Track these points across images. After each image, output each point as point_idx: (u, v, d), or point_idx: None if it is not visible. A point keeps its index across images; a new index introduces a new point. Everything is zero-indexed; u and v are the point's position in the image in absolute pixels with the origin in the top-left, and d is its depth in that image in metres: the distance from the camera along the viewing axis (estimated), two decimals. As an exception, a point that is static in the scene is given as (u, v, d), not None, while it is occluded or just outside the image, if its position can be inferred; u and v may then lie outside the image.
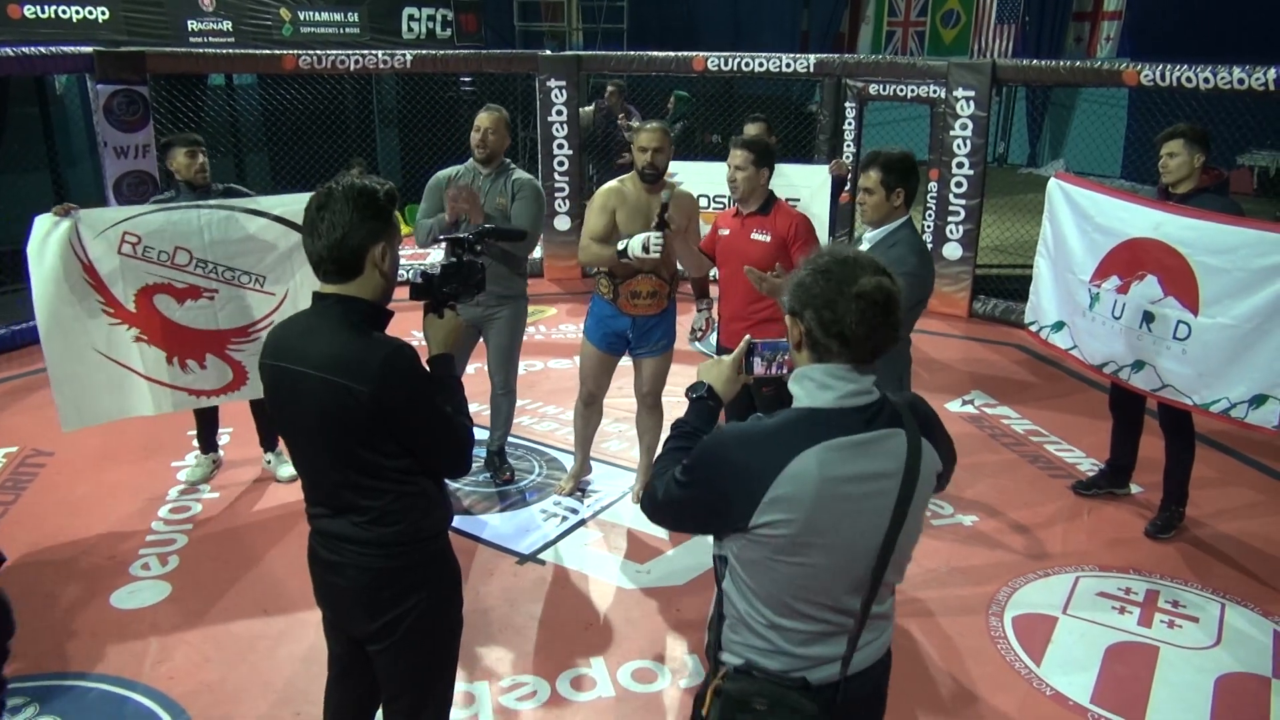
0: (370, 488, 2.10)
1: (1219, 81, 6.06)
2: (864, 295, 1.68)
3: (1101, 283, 4.23)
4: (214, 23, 8.80)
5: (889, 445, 1.72)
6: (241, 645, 3.43)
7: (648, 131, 3.97)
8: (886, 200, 3.35)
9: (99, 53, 6.77)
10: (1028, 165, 13.44)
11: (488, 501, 4.53)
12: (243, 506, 4.44)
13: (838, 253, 1.79)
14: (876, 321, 1.69)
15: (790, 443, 1.67)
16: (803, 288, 1.74)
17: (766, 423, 1.74)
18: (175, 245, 4.13)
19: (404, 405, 2.03)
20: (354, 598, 2.19)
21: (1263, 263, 3.65)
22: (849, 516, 1.68)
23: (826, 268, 1.73)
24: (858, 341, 1.69)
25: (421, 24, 10.62)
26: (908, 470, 1.72)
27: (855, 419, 1.70)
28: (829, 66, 7.81)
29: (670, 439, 1.99)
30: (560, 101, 8.13)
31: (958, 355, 6.68)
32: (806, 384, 1.75)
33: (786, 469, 1.64)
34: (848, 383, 1.72)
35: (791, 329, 1.78)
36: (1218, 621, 3.63)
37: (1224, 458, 5.00)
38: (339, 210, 2.02)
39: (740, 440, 1.73)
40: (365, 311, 2.07)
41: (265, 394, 2.21)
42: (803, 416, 1.72)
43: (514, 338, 4.50)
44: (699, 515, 1.83)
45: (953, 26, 13.35)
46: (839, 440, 1.67)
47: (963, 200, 7.35)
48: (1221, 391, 3.81)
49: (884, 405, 1.75)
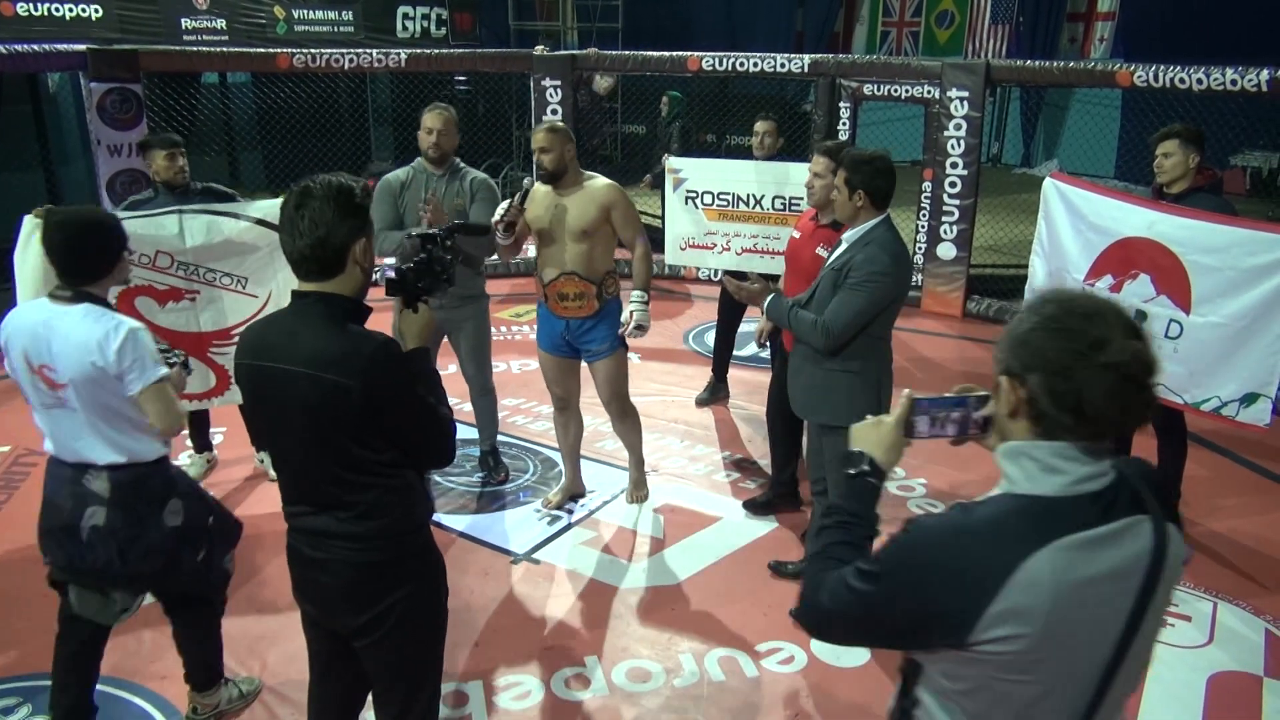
0: (357, 482, 2.11)
1: (1212, 83, 6.08)
2: (1117, 367, 1.36)
3: (1095, 282, 4.24)
4: (208, 21, 8.79)
5: (1131, 537, 1.42)
6: (236, 645, 3.41)
7: (538, 133, 3.94)
8: (849, 200, 3.27)
9: (92, 51, 6.75)
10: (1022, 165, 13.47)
11: (482, 501, 4.52)
12: (236, 506, 4.43)
13: (1075, 302, 1.43)
14: (1131, 399, 1.38)
15: (1017, 542, 1.37)
16: (1026, 346, 1.42)
17: (979, 515, 1.42)
18: (156, 249, 4.09)
19: (392, 398, 2.06)
20: (341, 593, 2.20)
21: (1254, 261, 3.67)
22: (1084, 625, 1.40)
23: (1062, 322, 1.40)
24: (1102, 421, 1.39)
25: (416, 23, 10.61)
26: (1152, 564, 1.42)
27: (1090, 509, 1.40)
28: (823, 66, 7.82)
29: (824, 529, 1.64)
30: (555, 101, 8.12)
31: (951, 355, 6.69)
32: (1026, 465, 1.44)
33: (1016, 575, 1.35)
34: (1081, 465, 1.41)
35: (1005, 393, 1.46)
36: (1210, 620, 3.64)
37: (1216, 457, 5.02)
38: (319, 209, 2.03)
39: (952, 537, 1.42)
40: (348, 308, 2.10)
41: (244, 395, 2.22)
42: (1026, 508, 1.41)
43: (482, 337, 4.50)
44: (895, 628, 1.47)
45: (947, 27, 13.37)
46: (1075, 538, 1.37)
47: (957, 200, 7.37)
48: (1213, 390, 3.82)
49: (1121, 487, 1.44)
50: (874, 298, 3.20)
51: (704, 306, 7.49)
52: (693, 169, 5.87)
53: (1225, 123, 7.75)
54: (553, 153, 3.88)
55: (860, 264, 3.20)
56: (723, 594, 3.79)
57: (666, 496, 4.57)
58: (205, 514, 2.88)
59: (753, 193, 5.59)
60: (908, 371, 6.15)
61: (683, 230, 5.86)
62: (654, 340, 6.77)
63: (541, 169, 3.93)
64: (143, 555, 2.71)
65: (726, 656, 3.41)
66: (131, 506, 2.70)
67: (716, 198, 5.71)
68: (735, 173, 5.68)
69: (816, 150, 3.89)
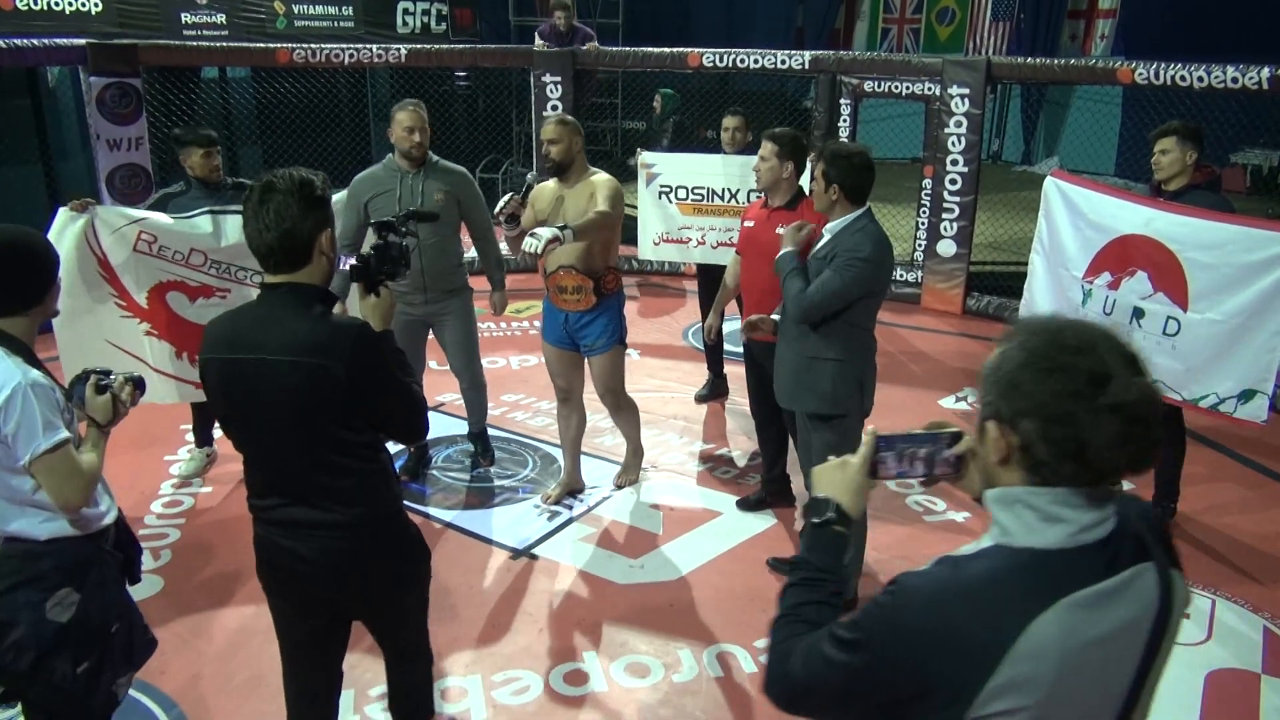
0: (340, 465, 2.18)
1: (1213, 80, 6.08)
2: (1122, 409, 1.21)
3: (1094, 279, 4.25)
4: (207, 15, 8.77)
5: (1137, 588, 1.29)
6: (234, 640, 3.42)
7: (548, 124, 4.00)
8: (825, 192, 3.35)
9: (92, 45, 6.74)
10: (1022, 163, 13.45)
11: (481, 496, 4.52)
12: (235, 500, 4.43)
13: (1063, 334, 1.28)
14: (1140, 443, 1.24)
15: (1020, 603, 1.22)
16: (1016, 389, 1.27)
17: (974, 573, 1.27)
18: (191, 247, 4.17)
19: (373, 378, 2.13)
20: (324, 579, 2.26)
21: (1250, 258, 3.68)
22: (1091, 687, 1.28)
23: (1053, 359, 1.25)
24: (1109, 469, 1.25)
25: (416, 18, 10.59)
26: (1159, 615, 1.31)
27: (1095, 560, 1.26)
28: (824, 63, 7.81)
29: (789, 587, 1.48)
30: (555, 96, 8.11)
31: (951, 351, 6.69)
32: (1024, 515, 1.28)
33: (1021, 641, 1.20)
34: (1085, 512, 1.27)
35: (993, 440, 1.31)
36: (1208, 617, 3.65)
37: (1214, 454, 5.02)
38: (283, 202, 2.09)
39: (945, 599, 1.26)
40: (318, 296, 2.17)
41: (213, 391, 2.22)
42: (1026, 563, 1.26)
43: (469, 330, 4.51)
44: (880, 702, 1.31)
45: (948, 24, 13.35)
46: (1082, 595, 1.23)
47: (957, 197, 7.36)
48: (1210, 387, 3.83)
49: (1124, 533, 1.30)
50: (855, 280, 3.29)
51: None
52: (665, 164, 5.88)
53: (1226, 120, 7.73)
54: (561, 144, 3.94)
55: (844, 250, 3.30)
56: (721, 590, 3.79)
57: (665, 493, 4.57)
58: (108, 619, 2.36)
59: (727, 187, 5.60)
60: (906, 369, 6.16)
61: (656, 225, 5.86)
62: (653, 336, 6.78)
63: (549, 159, 3.98)
64: (7, 649, 2.23)
65: (725, 652, 3.41)
66: (7, 589, 2.24)
67: (690, 192, 5.73)
68: (707, 167, 5.69)
69: (765, 136, 3.94)
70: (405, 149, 4.21)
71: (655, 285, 8.17)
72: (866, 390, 3.47)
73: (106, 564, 2.39)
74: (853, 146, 3.43)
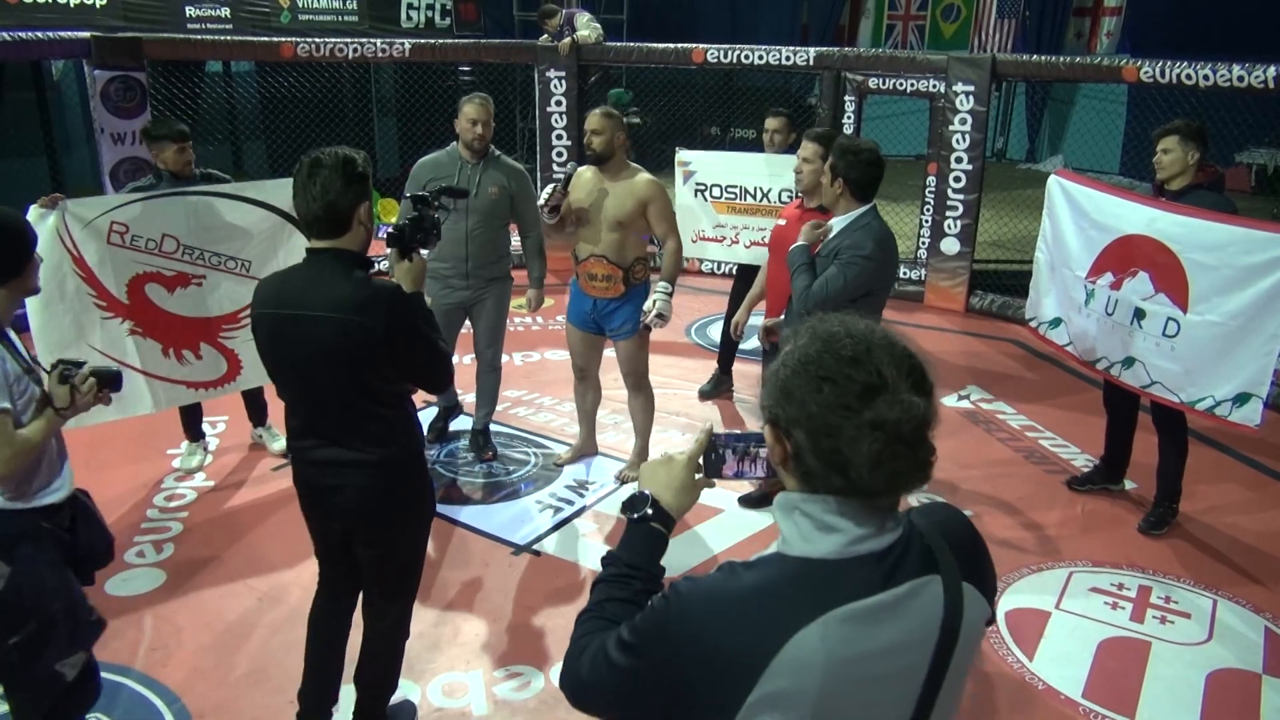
0: (372, 412, 2.48)
1: (1218, 79, 6.06)
2: (884, 427, 1.16)
3: (1096, 279, 4.24)
4: (212, 9, 8.76)
5: (919, 602, 1.23)
6: (236, 633, 3.43)
7: (592, 116, 4.16)
8: (830, 185, 3.36)
9: (96, 38, 6.74)
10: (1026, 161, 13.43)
11: (484, 492, 4.53)
12: (237, 493, 4.44)
13: (839, 341, 1.21)
14: (901, 464, 1.18)
15: (784, 613, 1.17)
16: (787, 394, 1.21)
17: (745, 582, 1.21)
18: (162, 232, 4.13)
19: (406, 334, 2.41)
20: (354, 511, 2.56)
21: (1250, 260, 3.66)
22: (866, 706, 1.22)
23: (825, 367, 1.19)
24: (869, 489, 1.20)
25: (420, 12, 10.59)
26: (944, 631, 1.24)
27: (871, 572, 1.21)
28: (829, 60, 7.80)
29: (599, 581, 1.45)
30: (559, 92, 8.11)
31: (954, 350, 6.69)
32: (800, 522, 1.23)
33: (781, 654, 1.15)
34: (860, 523, 1.22)
35: (771, 441, 1.26)
36: (1210, 617, 3.65)
37: (1217, 454, 5.02)
38: (328, 177, 2.36)
39: (711, 607, 1.20)
40: (357, 261, 2.44)
41: (264, 343, 2.49)
42: (797, 572, 1.21)
43: (500, 316, 4.71)
44: (651, 705, 1.27)
45: (953, 21, 13.32)
46: (852, 608, 1.18)
47: (961, 195, 7.35)
48: (1207, 389, 3.82)
49: (909, 545, 1.25)
50: (857, 277, 3.30)
51: (707, 300, 7.48)
52: (701, 162, 5.87)
53: (1231, 119, 7.71)
54: (604, 135, 4.11)
55: (847, 247, 3.31)
56: (722, 587, 3.79)
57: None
58: (44, 595, 2.34)
59: (760, 186, 5.60)
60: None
61: (693, 223, 5.86)
62: (656, 333, 6.76)
63: (590, 149, 4.15)
64: None
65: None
66: None
67: (725, 190, 5.73)
68: (744, 166, 5.69)
69: (806, 137, 3.99)
70: (468, 140, 4.41)
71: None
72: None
73: (43, 541, 2.37)
74: (862, 142, 3.42)
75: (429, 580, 3.76)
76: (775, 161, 5.49)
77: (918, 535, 1.26)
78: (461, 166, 4.42)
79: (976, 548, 1.35)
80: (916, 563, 1.23)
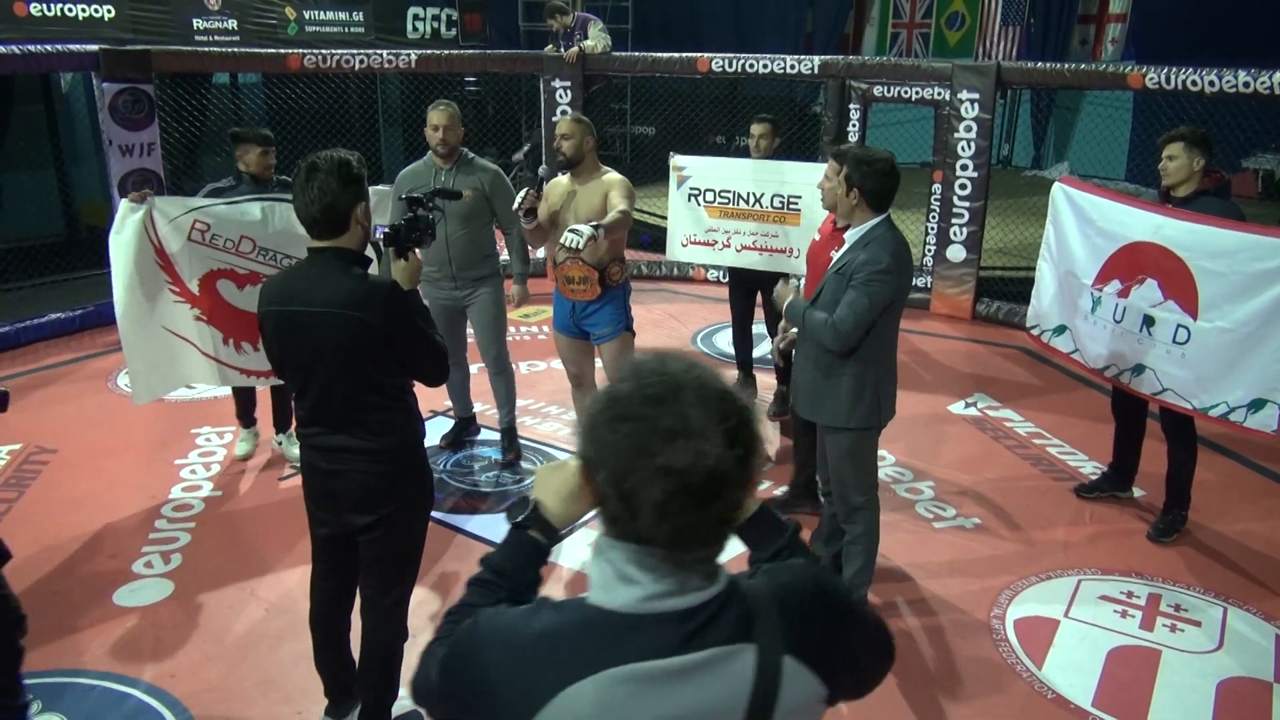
0: (374, 403, 2.58)
1: (1224, 85, 6.05)
2: (670, 474, 1.07)
3: (1103, 286, 4.23)
4: (219, 21, 8.81)
5: (722, 673, 1.12)
6: (244, 644, 3.43)
7: (563, 121, 4.22)
8: (845, 196, 3.30)
9: (105, 51, 6.78)
10: (1032, 168, 13.42)
11: (490, 501, 4.53)
12: (245, 504, 4.45)
13: (647, 382, 1.12)
14: (686, 519, 1.09)
15: (562, 664, 1.10)
16: (592, 431, 1.14)
17: (540, 624, 1.16)
18: (241, 234, 4.36)
19: (403, 329, 2.52)
20: (352, 498, 2.64)
21: (1260, 266, 3.65)
22: None
23: (630, 407, 1.11)
24: (658, 539, 1.11)
25: (426, 23, 10.63)
26: (753, 709, 1.12)
27: (669, 632, 1.11)
28: (833, 68, 7.81)
29: (468, 584, 1.38)
30: (565, 101, 8.14)
31: (961, 357, 6.67)
32: (604, 568, 1.17)
33: (551, 705, 1.09)
34: (660, 578, 1.12)
35: (582, 479, 1.19)
36: (1220, 625, 3.63)
37: (1226, 461, 5.00)
38: (324, 179, 2.46)
39: (498, 646, 1.16)
40: (355, 259, 2.56)
41: (270, 338, 2.61)
42: (589, 622, 1.14)
43: (497, 314, 4.73)
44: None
45: (957, 29, 13.33)
46: (636, 668, 1.09)
47: (967, 202, 7.35)
48: (1220, 396, 3.81)
49: (723, 608, 1.14)
50: (879, 293, 3.22)
51: (713, 308, 7.49)
52: (696, 167, 5.89)
53: (1237, 125, 7.70)
54: (573, 139, 4.16)
55: (861, 264, 3.23)
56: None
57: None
58: None
59: (752, 191, 5.62)
60: (916, 374, 6.14)
61: (685, 228, 5.89)
62: (662, 340, 6.78)
63: (561, 154, 4.19)
64: None
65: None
66: None
67: (718, 195, 5.75)
68: (736, 171, 5.72)
69: (830, 154, 3.93)
70: (433, 144, 4.49)
71: (666, 291, 8.16)
72: (884, 402, 3.41)
73: None
74: (876, 152, 3.33)
75: (435, 588, 3.77)
76: (763, 167, 5.52)
77: (739, 598, 1.15)
78: (436, 173, 4.50)
79: (823, 619, 1.20)
80: (729, 629, 1.13)
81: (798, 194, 5.43)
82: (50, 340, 6.61)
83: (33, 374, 6.02)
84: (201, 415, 5.38)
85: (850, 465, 3.47)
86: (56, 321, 6.71)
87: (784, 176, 5.51)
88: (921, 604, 3.72)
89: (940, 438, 5.25)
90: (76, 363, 6.27)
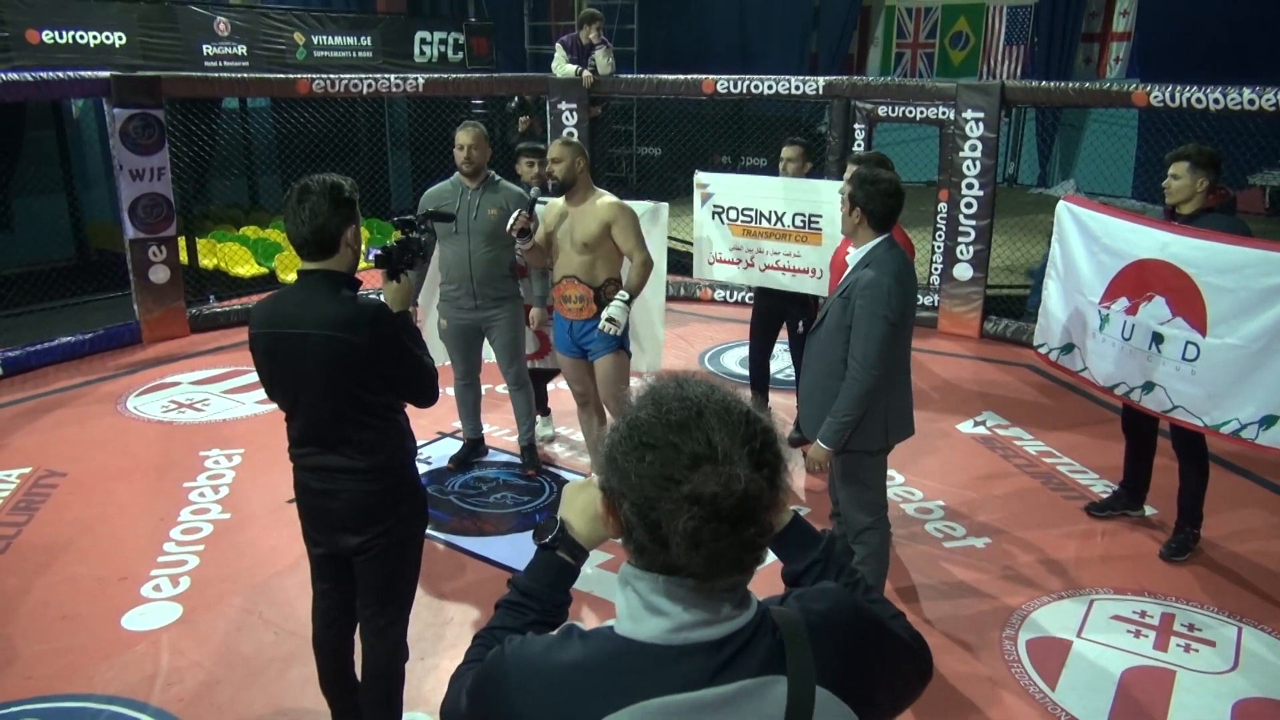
0: (363, 422, 2.59)
1: (1229, 102, 6.06)
2: (700, 502, 1.05)
3: (1111, 304, 4.22)
4: (229, 47, 8.91)
5: (754, 705, 1.10)
6: (252, 667, 3.42)
7: (553, 146, 4.30)
8: (849, 215, 3.28)
9: (115, 77, 6.85)
10: (1038, 186, 13.42)
11: (499, 524, 4.52)
12: (254, 528, 4.45)
13: (669, 407, 1.11)
14: (721, 544, 1.07)
15: (593, 697, 1.09)
16: (612, 461, 1.13)
17: (568, 655, 1.14)
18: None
19: (390, 350, 2.55)
20: (346, 517, 2.65)
21: (1268, 282, 3.64)
22: None
23: (651, 434, 1.10)
24: (691, 568, 1.09)
25: (433, 48, 10.73)
26: None
27: (700, 664, 1.09)
28: (838, 88, 7.85)
29: (498, 607, 1.38)
30: (571, 124, 8.18)
31: (969, 376, 6.66)
32: (631, 599, 1.14)
33: None
34: (689, 608, 1.11)
35: (605, 512, 1.19)
36: (1235, 645, 3.59)
37: (1238, 479, 4.96)
38: (316, 202, 2.50)
39: (526, 677, 1.14)
40: (345, 281, 2.57)
41: (260, 359, 2.63)
42: (619, 654, 1.12)
43: (516, 333, 4.81)
44: None
45: (961, 48, 13.39)
46: (667, 701, 1.08)
47: (973, 221, 7.36)
48: (1231, 412, 3.79)
49: (754, 637, 1.13)
50: (887, 319, 3.18)
51: (720, 328, 7.49)
52: (719, 184, 5.88)
53: (1243, 142, 7.70)
54: (564, 163, 4.22)
55: (862, 288, 3.20)
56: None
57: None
58: None
59: (775, 209, 5.60)
60: (925, 393, 6.12)
61: (710, 246, 5.87)
62: (670, 361, 6.77)
63: (553, 178, 4.26)
64: None
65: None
66: None
67: (741, 213, 5.73)
68: (761, 189, 5.69)
69: (850, 160, 3.97)
70: (459, 163, 4.57)
71: (673, 312, 8.16)
72: (894, 423, 3.35)
73: None
74: (881, 172, 3.32)
75: (438, 612, 3.75)
76: (796, 185, 5.50)
77: (770, 628, 1.14)
78: (463, 192, 4.57)
79: (858, 648, 1.19)
80: (760, 659, 1.11)
81: (819, 213, 5.40)
82: (60, 364, 6.64)
83: (43, 397, 6.04)
84: (210, 438, 5.39)
85: (854, 486, 3.44)
86: (67, 345, 6.74)
87: (818, 194, 5.37)
88: (932, 624, 3.70)
89: (949, 456, 5.23)
90: (86, 386, 6.29)
